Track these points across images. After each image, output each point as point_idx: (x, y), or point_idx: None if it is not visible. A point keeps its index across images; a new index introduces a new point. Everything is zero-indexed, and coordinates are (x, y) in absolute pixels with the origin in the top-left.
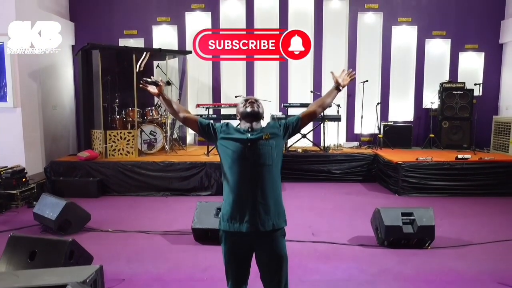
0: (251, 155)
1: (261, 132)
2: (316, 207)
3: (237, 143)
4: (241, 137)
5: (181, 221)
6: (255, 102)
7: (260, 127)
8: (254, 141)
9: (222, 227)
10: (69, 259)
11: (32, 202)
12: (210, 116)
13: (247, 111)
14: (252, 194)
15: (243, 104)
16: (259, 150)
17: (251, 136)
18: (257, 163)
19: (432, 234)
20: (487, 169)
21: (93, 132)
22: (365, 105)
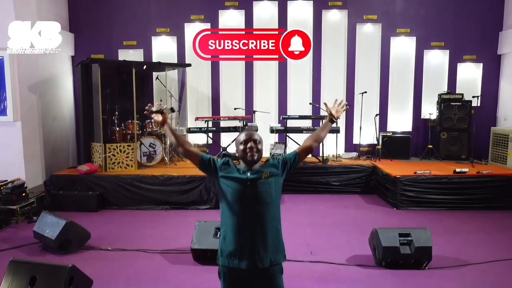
0: (250, 194)
1: (260, 171)
2: (314, 223)
3: (237, 183)
4: (240, 177)
5: (180, 239)
6: (254, 147)
7: (258, 166)
8: (253, 180)
9: (221, 262)
10: (69, 285)
11: (32, 217)
12: (209, 128)
13: (247, 159)
14: (251, 232)
15: (242, 146)
16: (259, 189)
17: (250, 176)
18: (257, 201)
19: (429, 255)
20: (485, 183)
21: (92, 145)
22: (363, 116)
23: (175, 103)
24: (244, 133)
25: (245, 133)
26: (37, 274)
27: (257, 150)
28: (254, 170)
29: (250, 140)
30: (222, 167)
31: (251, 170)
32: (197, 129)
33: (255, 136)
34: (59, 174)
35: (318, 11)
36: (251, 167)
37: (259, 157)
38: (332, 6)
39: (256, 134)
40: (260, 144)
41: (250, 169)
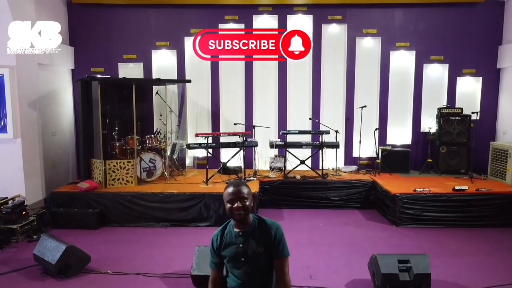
0: (246, 266)
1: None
2: (314, 243)
3: (232, 253)
4: (235, 250)
5: (180, 260)
6: (241, 206)
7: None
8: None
9: None
10: None
11: (32, 235)
12: (209, 144)
13: (235, 218)
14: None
15: (229, 205)
16: (253, 262)
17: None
18: (253, 274)
19: (428, 281)
20: (485, 200)
21: (92, 161)
22: (363, 129)
23: (175, 118)
24: (231, 187)
25: (231, 189)
26: None
27: (244, 208)
28: (247, 235)
29: (237, 200)
30: (220, 242)
31: (243, 235)
32: (197, 145)
33: (242, 193)
34: (59, 191)
35: (317, 25)
36: (243, 227)
37: (247, 214)
38: (331, 20)
39: (244, 188)
40: (248, 200)
41: (242, 231)
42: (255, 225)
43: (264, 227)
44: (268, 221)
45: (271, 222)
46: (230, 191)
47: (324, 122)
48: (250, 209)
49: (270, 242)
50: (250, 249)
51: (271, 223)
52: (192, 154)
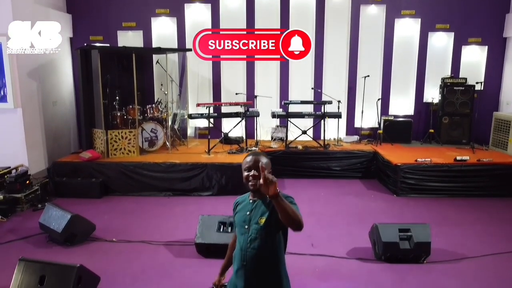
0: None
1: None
2: (315, 212)
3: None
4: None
5: (184, 229)
6: (257, 175)
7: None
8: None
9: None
10: (78, 284)
11: (37, 204)
12: (210, 114)
13: (249, 188)
14: (245, 275)
15: (245, 173)
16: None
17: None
18: (251, 245)
19: (428, 250)
20: (486, 171)
21: (94, 131)
22: (365, 100)
23: (176, 87)
24: (249, 157)
25: (250, 157)
26: (46, 274)
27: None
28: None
29: (254, 168)
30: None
31: (252, 204)
32: (199, 115)
33: (260, 163)
34: (61, 161)
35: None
36: (258, 196)
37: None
38: None
39: (262, 158)
40: (265, 171)
41: (254, 201)
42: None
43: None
44: (283, 195)
45: (285, 196)
46: (248, 159)
47: (327, 92)
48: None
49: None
50: (253, 218)
51: (286, 196)
52: (193, 124)
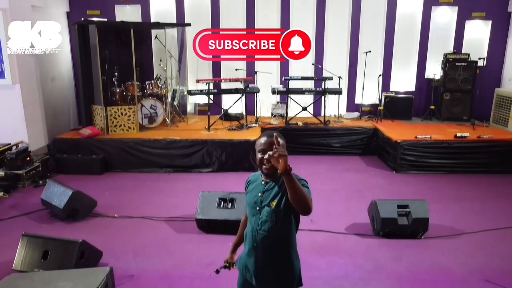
0: (259, 217)
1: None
2: (314, 189)
3: (250, 201)
4: (254, 198)
5: (184, 205)
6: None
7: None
8: (261, 205)
9: (238, 266)
10: (80, 259)
11: (38, 181)
12: (210, 91)
13: (263, 171)
14: (255, 255)
15: (260, 155)
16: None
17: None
18: (261, 227)
19: (426, 225)
20: (486, 147)
21: (93, 107)
22: (366, 75)
23: (175, 63)
24: (264, 138)
25: (264, 139)
26: (49, 249)
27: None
28: (269, 187)
29: (268, 151)
30: (247, 187)
31: (264, 185)
32: (198, 91)
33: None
34: (61, 137)
35: None
36: (270, 178)
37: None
38: None
39: (280, 140)
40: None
41: (266, 182)
42: (281, 180)
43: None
44: (297, 177)
45: (298, 178)
46: (263, 141)
47: (327, 68)
48: None
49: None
50: (265, 200)
51: (299, 178)
52: (193, 100)
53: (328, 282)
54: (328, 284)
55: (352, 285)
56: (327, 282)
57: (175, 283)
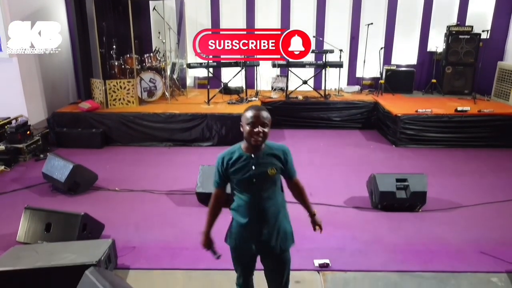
0: (256, 188)
1: (265, 163)
2: (314, 162)
3: (242, 176)
4: (245, 176)
5: (184, 179)
6: (261, 132)
7: (263, 152)
8: (258, 177)
9: (229, 243)
10: (83, 231)
11: (39, 155)
12: (209, 64)
13: (251, 143)
14: (259, 222)
15: (248, 128)
16: (263, 184)
17: (254, 171)
18: (263, 196)
19: (424, 199)
20: (486, 121)
21: (92, 81)
22: (368, 48)
23: (174, 35)
24: (253, 111)
25: (253, 111)
26: (51, 221)
27: (264, 135)
28: (258, 159)
29: (258, 124)
30: (227, 164)
31: (255, 158)
32: (198, 64)
33: (263, 118)
34: (61, 111)
35: None
36: (255, 151)
37: (264, 141)
38: None
39: (265, 114)
40: (267, 127)
41: (254, 154)
42: (266, 149)
43: (276, 150)
44: (279, 145)
45: (282, 146)
46: (251, 114)
47: (328, 41)
48: (268, 137)
49: (281, 165)
50: (262, 171)
51: (282, 147)
52: (192, 74)
53: (325, 254)
54: (325, 255)
55: (349, 257)
56: (324, 253)
57: (176, 254)
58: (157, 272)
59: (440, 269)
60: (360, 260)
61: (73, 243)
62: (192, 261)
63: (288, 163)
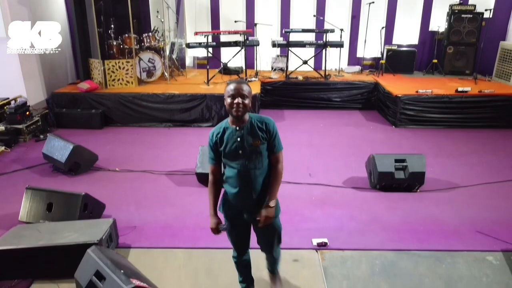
0: (243, 159)
1: (251, 135)
2: (314, 143)
3: (230, 148)
4: (232, 147)
5: (184, 159)
6: (241, 103)
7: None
8: (245, 149)
9: (222, 210)
10: (84, 211)
11: (39, 135)
12: (209, 43)
13: (233, 114)
14: (248, 191)
15: (229, 100)
16: (250, 156)
17: (241, 143)
18: (250, 166)
19: (422, 179)
20: (486, 102)
21: (91, 61)
22: (369, 28)
23: (172, 14)
24: (233, 85)
25: (233, 85)
26: (53, 201)
27: (244, 106)
28: (243, 131)
29: (238, 96)
30: (217, 138)
31: (240, 130)
32: (197, 44)
33: (243, 90)
34: (60, 92)
35: None
36: (239, 123)
37: (245, 112)
38: None
39: (245, 87)
40: (247, 99)
41: (238, 127)
42: (251, 121)
43: (260, 123)
44: (263, 118)
45: (266, 118)
46: (231, 87)
47: (329, 20)
48: (248, 108)
49: (266, 137)
50: (247, 143)
51: (266, 119)
52: (191, 53)
53: (324, 233)
54: (324, 235)
55: (347, 236)
56: (323, 233)
57: (177, 233)
58: (157, 250)
59: (437, 248)
60: (357, 239)
61: (75, 223)
62: (192, 240)
63: (271, 135)
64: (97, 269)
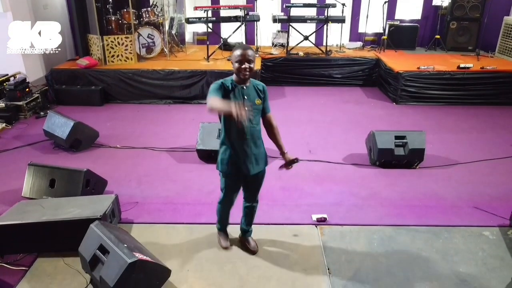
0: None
1: (252, 94)
2: (314, 120)
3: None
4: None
5: (185, 136)
6: (247, 67)
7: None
8: (248, 105)
9: (220, 169)
10: (86, 187)
11: (39, 112)
12: (209, 19)
13: (240, 77)
14: (246, 148)
15: (237, 65)
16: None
17: (247, 100)
18: (251, 123)
19: (422, 156)
20: (488, 78)
21: (89, 37)
22: (371, 2)
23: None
24: (240, 50)
25: (240, 50)
26: (55, 177)
27: (250, 69)
28: (248, 90)
29: (245, 61)
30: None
31: (246, 89)
32: (196, 19)
33: (249, 56)
34: (59, 68)
35: None
36: (244, 83)
37: (251, 75)
38: None
39: (250, 52)
40: (253, 63)
41: (244, 85)
42: (252, 83)
43: (258, 85)
44: (258, 82)
45: (260, 83)
46: (238, 53)
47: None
48: (254, 71)
49: (262, 98)
50: (249, 101)
51: (261, 84)
52: (191, 29)
53: (323, 209)
54: (323, 210)
55: (346, 211)
56: (322, 208)
57: (178, 209)
58: (159, 226)
59: (434, 223)
60: (356, 215)
61: (78, 198)
62: (194, 216)
63: (265, 98)
64: (101, 243)
